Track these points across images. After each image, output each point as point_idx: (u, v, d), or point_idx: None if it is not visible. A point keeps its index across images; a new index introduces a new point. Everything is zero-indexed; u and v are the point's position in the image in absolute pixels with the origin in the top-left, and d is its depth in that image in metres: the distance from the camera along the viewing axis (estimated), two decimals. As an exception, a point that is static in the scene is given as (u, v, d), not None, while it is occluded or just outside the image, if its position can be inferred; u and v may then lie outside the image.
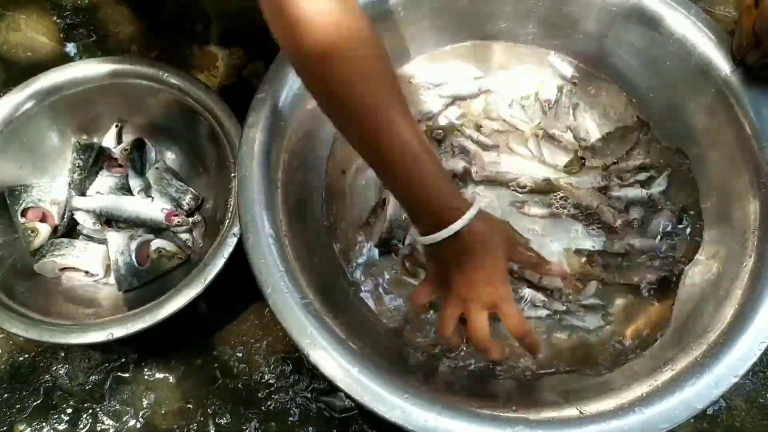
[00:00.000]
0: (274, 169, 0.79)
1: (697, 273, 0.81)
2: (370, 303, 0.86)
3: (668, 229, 0.87)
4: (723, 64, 0.80)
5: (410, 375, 0.70)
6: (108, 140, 1.01)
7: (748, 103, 0.78)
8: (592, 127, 0.94)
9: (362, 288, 0.87)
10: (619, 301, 0.85)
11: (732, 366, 0.67)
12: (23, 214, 0.93)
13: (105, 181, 0.98)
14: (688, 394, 0.66)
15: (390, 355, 0.75)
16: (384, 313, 0.85)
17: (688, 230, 0.86)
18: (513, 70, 0.97)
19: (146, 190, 0.97)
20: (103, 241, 0.94)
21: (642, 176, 0.90)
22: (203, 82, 0.95)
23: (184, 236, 0.96)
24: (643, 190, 0.89)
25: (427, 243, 0.70)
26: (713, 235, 0.82)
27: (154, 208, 0.94)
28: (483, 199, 0.90)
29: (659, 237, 0.87)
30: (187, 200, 0.96)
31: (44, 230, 0.93)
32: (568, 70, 0.95)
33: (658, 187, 0.89)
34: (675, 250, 0.85)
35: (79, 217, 0.96)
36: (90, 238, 0.96)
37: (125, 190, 0.98)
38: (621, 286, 0.85)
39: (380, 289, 0.87)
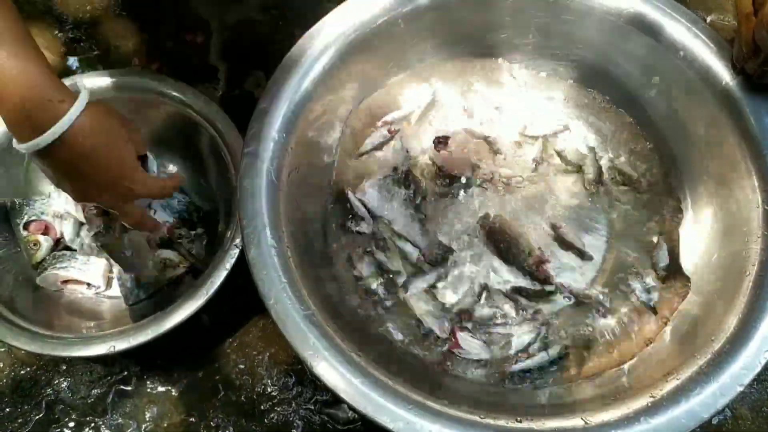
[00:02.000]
0: (275, 180, 0.79)
1: (701, 281, 0.81)
2: (373, 314, 0.86)
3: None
4: (723, 73, 0.80)
5: (414, 386, 0.69)
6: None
7: (749, 111, 0.78)
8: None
9: (366, 298, 0.87)
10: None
11: (737, 375, 0.67)
12: (26, 227, 0.93)
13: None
14: (693, 403, 0.66)
15: (394, 366, 0.75)
16: (386, 322, 0.85)
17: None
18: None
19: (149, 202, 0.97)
20: (104, 254, 0.94)
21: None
22: (204, 94, 0.95)
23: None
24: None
25: (30, 151, 0.59)
26: (716, 243, 0.82)
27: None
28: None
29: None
30: (189, 212, 0.96)
31: (46, 243, 0.93)
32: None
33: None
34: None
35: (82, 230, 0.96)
36: (91, 250, 0.96)
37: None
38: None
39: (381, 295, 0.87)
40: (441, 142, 0.94)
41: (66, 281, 0.92)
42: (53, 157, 0.59)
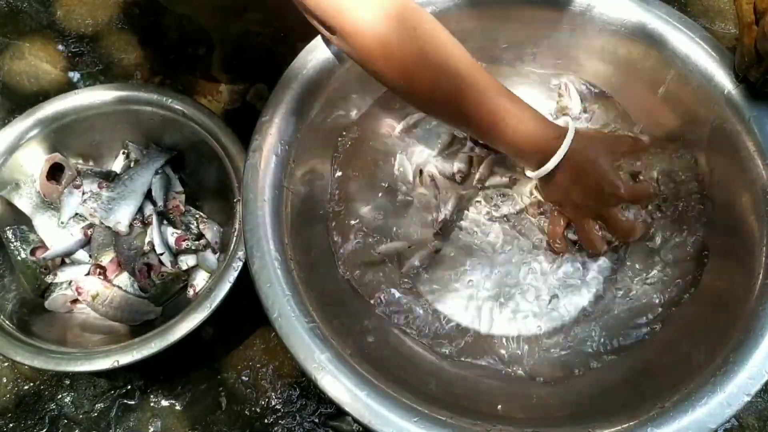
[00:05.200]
0: (278, 192, 0.79)
1: (706, 290, 0.81)
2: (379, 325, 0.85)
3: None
4: (725, 82, 0.80)
5: (420, 398, 0.69)
6: (116, 166, 1.01)
7: (752, 119, 0.78)
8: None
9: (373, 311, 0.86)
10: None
11: (744, 384, 0.66)
12: (32, 253, 0.93)
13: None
14: (700, 413, 0.65)
15: (400, 378, 0.75)
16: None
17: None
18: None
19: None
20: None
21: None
22: (207, 107, 0.95)
23: (191, 261, 0.96)
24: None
25: (540, 176, 0.78)
26: (721, 253, 0.82)
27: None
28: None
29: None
30: (195, 224, 0.96)
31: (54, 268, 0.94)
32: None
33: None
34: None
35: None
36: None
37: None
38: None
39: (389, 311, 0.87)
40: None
41: (74, 301, 0.92)
42: (554, 179, 0.78)
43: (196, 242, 0.95)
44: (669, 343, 0.80)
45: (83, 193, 0.96)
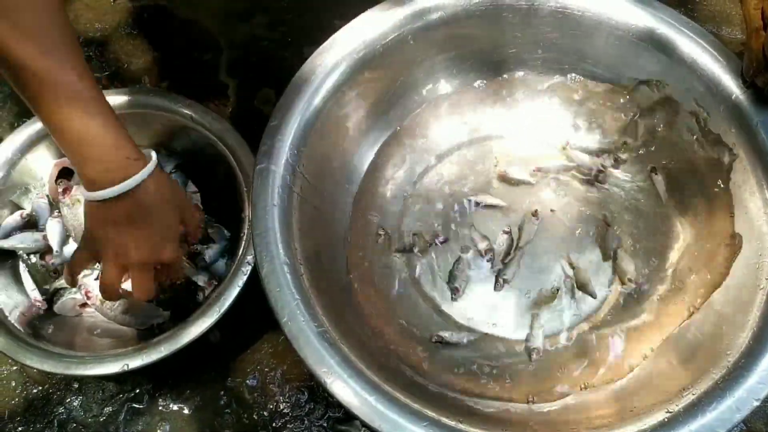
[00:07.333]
0: (288, 196, 0.79)
1: (714, 296, 0.81)
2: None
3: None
4: (732, 86, 0.80)
5: (429, 403, 0.69)
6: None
7: (759, 124, 0.78)
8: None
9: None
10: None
11: (753, 389, 0.66)
12: (42, 257, 0.94)
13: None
14: (709, 418, 0.66)
15: (408, 383, 0.75)
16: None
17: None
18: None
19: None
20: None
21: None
22: (214, 111, 0.96)
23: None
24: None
25: (99, 198, 0.66)
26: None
27: None
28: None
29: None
30: (203, 228, 0.96)
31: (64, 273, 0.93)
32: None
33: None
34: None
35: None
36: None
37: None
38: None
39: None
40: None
41: (83, 305, 0.92)
42: (115, 207, 0.67)
43: (205, 246, 0.95)
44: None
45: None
